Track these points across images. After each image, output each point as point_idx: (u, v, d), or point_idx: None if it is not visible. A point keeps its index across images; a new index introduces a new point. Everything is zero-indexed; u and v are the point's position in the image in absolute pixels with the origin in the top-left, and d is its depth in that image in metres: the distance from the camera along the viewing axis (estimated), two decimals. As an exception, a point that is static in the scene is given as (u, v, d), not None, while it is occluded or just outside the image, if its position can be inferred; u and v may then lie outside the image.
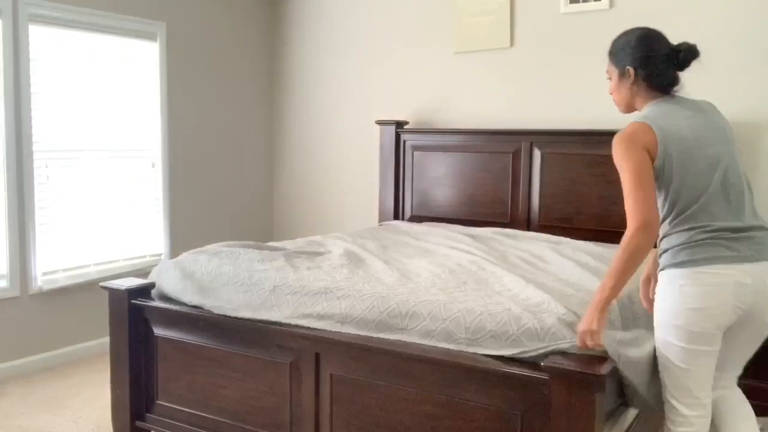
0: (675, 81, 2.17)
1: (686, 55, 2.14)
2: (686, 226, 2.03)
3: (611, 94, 2.28)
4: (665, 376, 2.10)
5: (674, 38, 3.92)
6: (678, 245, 2.03)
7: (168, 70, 4.56)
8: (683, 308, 2.00)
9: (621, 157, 2.04)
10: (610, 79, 2.28)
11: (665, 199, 2.07)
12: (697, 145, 2.06)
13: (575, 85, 4.11)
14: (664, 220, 2.09)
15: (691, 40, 2.25)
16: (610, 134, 3.88)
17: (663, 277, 2.08)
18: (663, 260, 2.08)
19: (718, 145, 2.09)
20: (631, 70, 2.17)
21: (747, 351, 2.19)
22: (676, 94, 2.18)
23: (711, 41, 3.71)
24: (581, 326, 1.98)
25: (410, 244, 3.54)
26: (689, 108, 2.14)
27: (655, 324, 2.12)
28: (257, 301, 2.62)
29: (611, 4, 3.97)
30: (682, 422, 2.09)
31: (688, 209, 2.03)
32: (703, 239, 2.00)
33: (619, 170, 2.05)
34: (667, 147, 2.04)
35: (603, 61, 4.01)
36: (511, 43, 4.31)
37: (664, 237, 2.10)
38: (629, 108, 2.25)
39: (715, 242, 2.00)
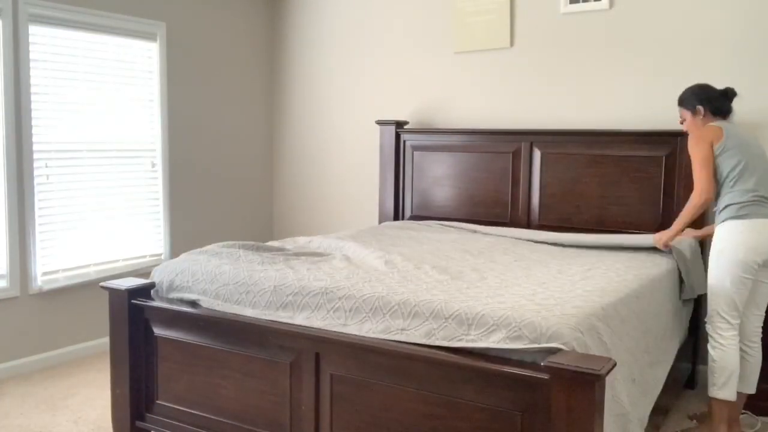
0: (727, 111, 3.16)
1: (731, 93, 3.15)
2: (743, 189, 2.97)
3: (686, 129, 3.20)
4: (719, 297, 2.99)
5: (674, 38, 3.91)
6: (737, 203, 2.97)
7: (168, 70, 4.56)
8: (743, 246, 2.92)
9: (690, 147, 3.06)
10: (683, 121, 3.22)
11: (728, 173, 3.01)
12: (749, 145, 3.04)
13: (575, 85, 4.11)
14: (723, 186, 3.04)
15: (691, 40, 3.18)
16: (609, 134, 3.91)
17: (726, 226, 3.00)
18: (725, 214, 3.01)
19: (756, 149, 3.08)
20: (701, 108, 3.13)
21: (765, 289, 3.08)
22: (731, 120, 3.18)
23: (710, 41, 3.71)
24: (660, 237, 3.28)
25: (410, 243, 3.54)
26: (737, 128, 3.15)
27: (715, 261, 3.01)
28: (257, 301, 2.62)
29: (611, 4, 3.97)
30: (728, 327, 2.98)
31: (745, 181, 2.97)
32: (753, 201, 2.96)
33: (691, 156, 3.06)
34: (728, 140, 3.00)
35: (603, 61, 4.03)
36: (511, 43, 4.31)
37: (725, 195, 3.02)
38: None
39: (760, 203, 2.96)
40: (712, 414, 3.04)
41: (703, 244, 3.60)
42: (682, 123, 3.23)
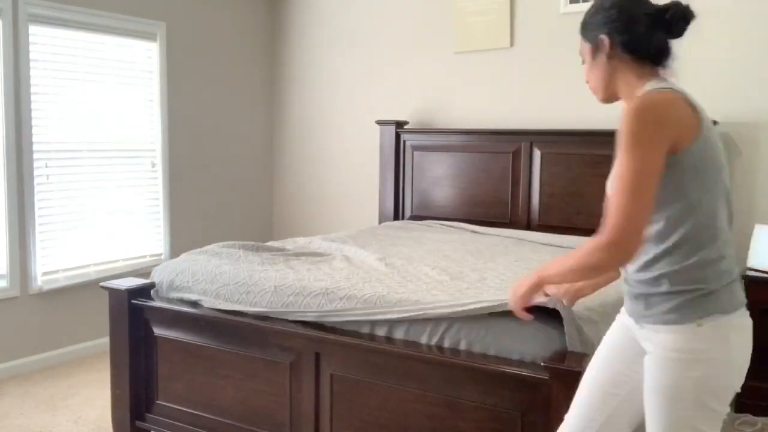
0: (666, 50, 1.66)
1: (675, 14, 1.61)
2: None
3: (587, 81, 1.77)
4: None
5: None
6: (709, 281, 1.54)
7: (168, 70, 4.56)
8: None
9: (624, 136, 1.52)
10: (584, 62, 1.75)
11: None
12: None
13: (575, 84, 4.11)
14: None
15: (690, 40, 1.68)
16: (610, 134, 3.89)
17: (700, 330, 1.51)
18: (702, 309, 1.51)
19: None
20: (606, 39, 1.65)
21: None
22: (671, 73, 1.67)
23: (710, 41, 3.71)
24: (518, 290, 1.77)
25: (410, 243, 3.54)
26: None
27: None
28: (257, 301, 2.62)
29: (611, 4, 3.96)
30: None
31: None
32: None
33: (619, 151, 1.56)
34: (703, 140, 1.52)
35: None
36: (511, 43, 4.31)
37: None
38: (609, 93, 1.74)
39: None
40: None
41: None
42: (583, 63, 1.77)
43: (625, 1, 1.65)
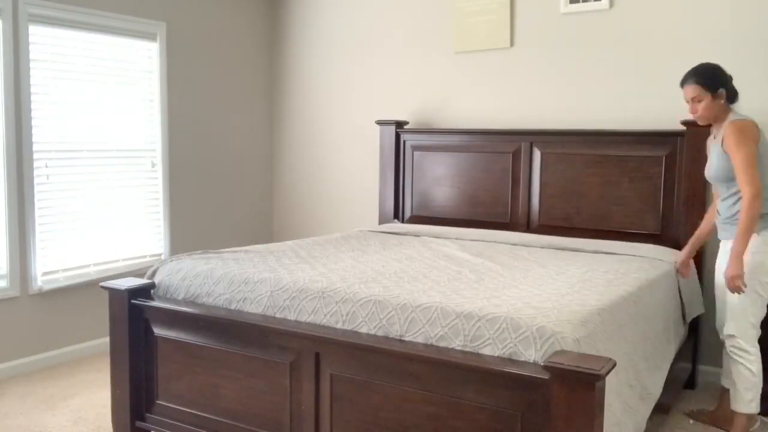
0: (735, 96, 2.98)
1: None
2: None
3: (698, 112, 2.96)
4: (754, 307, 2.87)
5: (674, 38, 3.91)
6: None
7: (168, 70, 4.56)
8: None
9: (736, 143, 2.81)
10: (698, 101, 2.94)
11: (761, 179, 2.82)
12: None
13: (575, 85, 4.11)
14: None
15: (691, 40, 2.99)
16: (610, 134, 3.90)
17: (760, 237, 2.84)
18: (760, 224, 2.83)
19: None
20: (723, 92, 2.92)
21: None
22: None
23: (711, 41, 3.71)
24: (731, 272, 2.78)
25: (397, 247, 3.54)
26: None
27: (751, 272, 2.81)
28: (256, 304, 2.63)
29: (611, 4, 3.97)
30: (757, 337, 2.91)
31: None
32: None
33: (735, 152, 2.81)
34: (764, 140, 2.89)
35: (603, 61, 4.03)
36: (511, 43, 4.31)
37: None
38: (715, 120, 2.99)
39: None
40: (737, 427, 2.96)
41: (699, 263, 3.60)
42: (694, 102, 2.97)
43: (724, 71, 2.99)
